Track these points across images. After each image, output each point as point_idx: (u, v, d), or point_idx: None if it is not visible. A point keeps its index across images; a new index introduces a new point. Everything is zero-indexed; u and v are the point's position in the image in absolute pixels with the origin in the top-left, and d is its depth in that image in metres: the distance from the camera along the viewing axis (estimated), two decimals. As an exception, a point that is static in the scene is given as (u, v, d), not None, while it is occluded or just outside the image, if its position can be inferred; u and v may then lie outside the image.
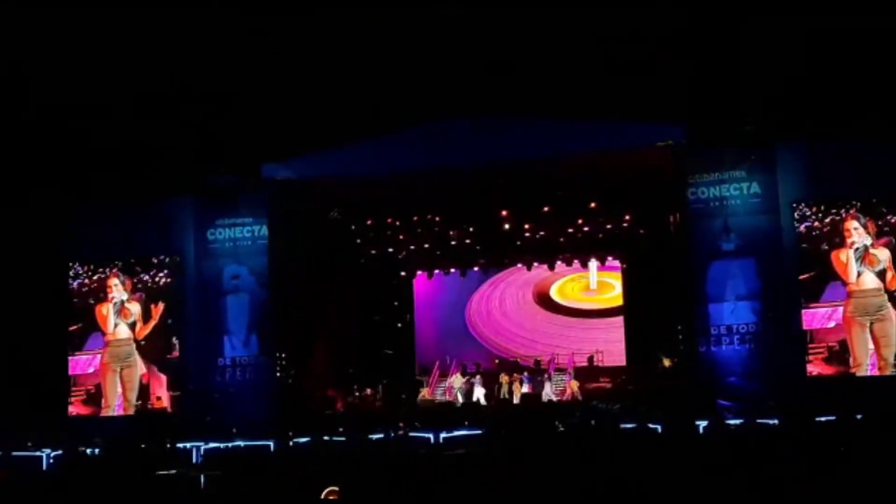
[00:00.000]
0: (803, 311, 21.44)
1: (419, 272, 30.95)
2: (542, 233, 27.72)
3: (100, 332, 24.66)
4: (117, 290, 24.62)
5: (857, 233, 21.17)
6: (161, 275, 24.65)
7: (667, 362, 24.84)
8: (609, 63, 23.27)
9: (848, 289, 21.19)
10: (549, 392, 26.42)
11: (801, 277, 21.60)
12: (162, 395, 24.10)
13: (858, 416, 15.85)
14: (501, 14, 22.80)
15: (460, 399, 26.40)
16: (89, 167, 25.02)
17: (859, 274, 21.09)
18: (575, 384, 26.37)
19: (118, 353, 24.46)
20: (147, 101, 24.87)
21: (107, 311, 24.62)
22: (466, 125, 23.15)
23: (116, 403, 24.29)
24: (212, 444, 20.73)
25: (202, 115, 24.68)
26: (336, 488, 11.87)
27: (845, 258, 21.21)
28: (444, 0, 22.40)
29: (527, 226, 27.44)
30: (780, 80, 22.82)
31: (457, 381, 27.15)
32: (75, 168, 25.03)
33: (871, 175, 21.29)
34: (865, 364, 20.88)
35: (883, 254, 21.04)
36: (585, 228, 27.29)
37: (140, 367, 24.29)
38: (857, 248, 21.13)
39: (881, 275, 21.01)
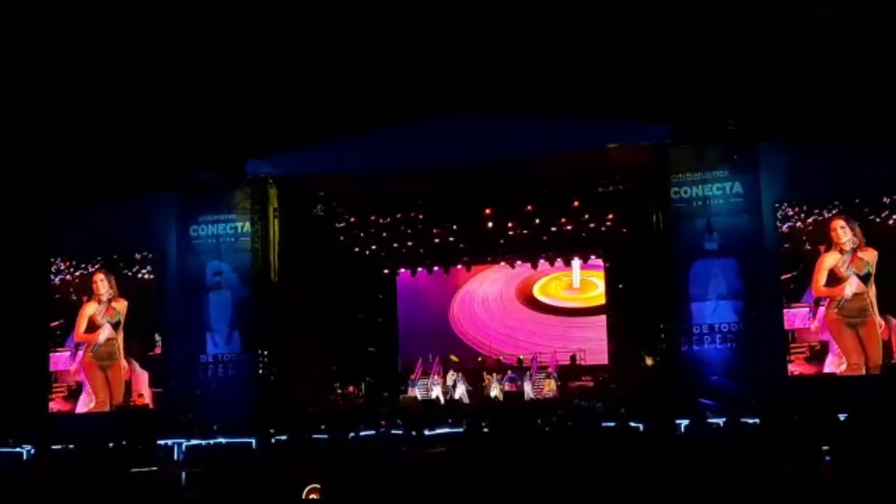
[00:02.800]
0: (785, 310, 21.58)
1: (402, 269, 30.91)
2: (525, 231, 27.75)
3: (83, 330, 24.62)
4: (103, 286, 24.57)
5: (844, 231, 21.32)
6: (143, 271, 24.60)
7: (649, 361, 24.90)
8: (593, 61, 23.28)
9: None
10: (529, 391, 26.44)
11: (783, 277, 21.73)
12: (144, 392, 24.01)
13: (842, 416, 15.97)
14: (486, 12, 22.79)
15: (442, 398, 26.38)
16: (72, 163, 24.87)
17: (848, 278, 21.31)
18: (551, 383, 26.41)
19: (102, 352, 24.40)
20: (132, 96, 24.75)
21: (93, 309, 24.57)
22: (451, 123, 23.13)
23: (106, 400, 24.30)
24: (194, 441, 20.69)
25: (186, 111, 24.58)
26: (318, 486, 11.87)
27: (833, 261, 21.35)
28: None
29: (510, 224, 27.46)
30: (764, 79, 22.87)
31: (450, 377, 27.08)
32: (58, 163, 24.88)
33: (854, 175, 21.42)
34: (862, 363, 21.07)
35: (870, 255, 21.22)
36: (568, 227, 27.33)
37: (123, 364, 24.25)
38: (846, 252, 21.28)
39: (866, 278, 21.15)
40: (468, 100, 23.31)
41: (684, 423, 18.87)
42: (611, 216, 26.73)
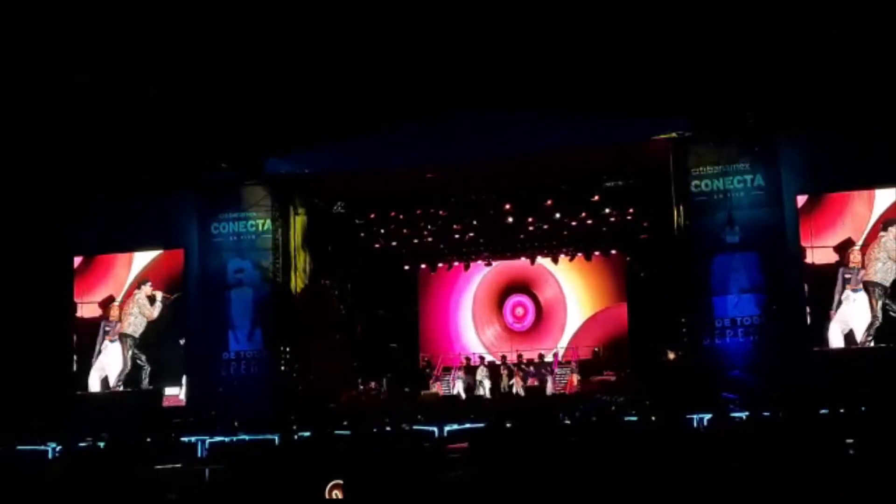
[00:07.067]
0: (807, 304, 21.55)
1: (423, 265, 30.96)
2: (545, 226, 27.71)
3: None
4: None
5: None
6: (165, 269, 24.76)
7: (671, 355, 24.82)
8: (613, 57, 23.22)
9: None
10: (551, 386, 26.47)
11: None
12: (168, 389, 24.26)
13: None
14: (505, 8, 22.78)
15: (463, 393, 26.44)
16: (93, 162, 25.00)
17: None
18: (573, 378, 26.42)
19: (126, 347, 24.66)
20: (151, 95, 24.85)
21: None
22: (470, 119, 23.13)
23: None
24: (217, 438, 20.77)
25: (206, 108, 24.66)
26: (340, 481, 11.89)
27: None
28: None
29: (530, 219, 27.44)
30: (782, 70, 22.74)
31: (480, 372, 27.11)
32: (79, 162, 25.01)
33: (874, 166, 21.32)
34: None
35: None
36: (589, 222, 27.27)
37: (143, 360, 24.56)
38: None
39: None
40: (487, 96, 23.29)
41: (707, 417, 18.78)
42: (631, 210, 26.67)
